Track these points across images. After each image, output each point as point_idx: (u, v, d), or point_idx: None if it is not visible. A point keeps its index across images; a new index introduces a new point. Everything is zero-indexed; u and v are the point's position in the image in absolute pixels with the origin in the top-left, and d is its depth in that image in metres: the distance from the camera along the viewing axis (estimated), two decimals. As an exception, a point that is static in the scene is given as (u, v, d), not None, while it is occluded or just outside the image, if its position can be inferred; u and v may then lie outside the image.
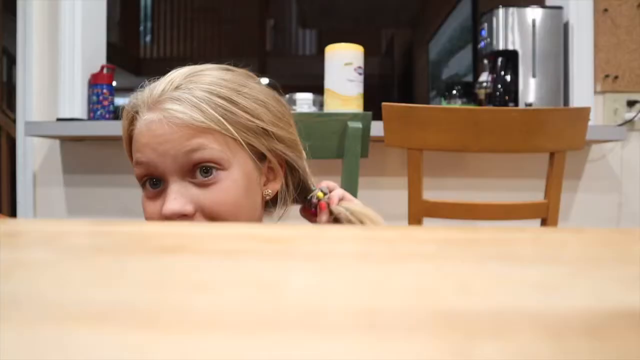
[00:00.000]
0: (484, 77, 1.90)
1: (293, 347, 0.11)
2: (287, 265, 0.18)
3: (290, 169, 0.71)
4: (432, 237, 0.24)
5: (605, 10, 1.80)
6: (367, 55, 1.52)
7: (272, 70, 6.82)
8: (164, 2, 6.05)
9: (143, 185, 0.65)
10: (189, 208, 0.61)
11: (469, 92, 1.96)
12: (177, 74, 0.65)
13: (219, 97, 0.63)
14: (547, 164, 1.22)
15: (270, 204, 0.73)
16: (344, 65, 1.46)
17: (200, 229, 0.26)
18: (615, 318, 0.13)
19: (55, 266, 0.18)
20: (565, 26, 1.83)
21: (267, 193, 0.69)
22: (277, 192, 0.70)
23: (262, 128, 0.65)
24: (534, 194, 1.42)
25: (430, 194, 1.21)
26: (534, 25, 1.80)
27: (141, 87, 0.67)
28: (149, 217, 0.64)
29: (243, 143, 0.63)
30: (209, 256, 0.19)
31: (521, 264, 0.19)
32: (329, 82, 1.48)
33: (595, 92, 1.81)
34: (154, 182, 0.63)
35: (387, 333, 0.12)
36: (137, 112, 0.65)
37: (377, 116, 1.16)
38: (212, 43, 6.44)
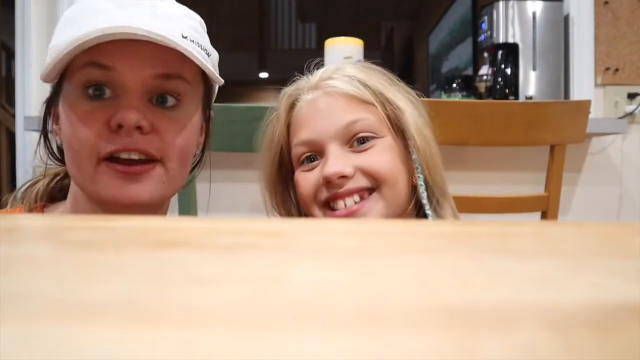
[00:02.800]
0: (484, 70, 1.89)
1: (295, 342, 0.11)
2: (289, 260, 0.18)
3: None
4: (432, 231, 0.24)
5: (606, 2, 1.79)
6: (366, 49, 1.52)
7: (272, 64, 6.80)
8: (162, -4, 6.03)
9: (301, 163, 0.68)
10: (349, 169, 0.63)
11: (469, 86, 1.96)
12: (329, 67, 0.72)
13: (369, 83, 0.68)
14: (548, 157, 1.22)
15: None
16: (343, 59, 1.46)
17: (201, 223, 0.26)
18: (618, 311, 0.13)
19: (54, 261, 0.18)
20: (566, 19, 1.82)
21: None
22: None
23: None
24: (535, 187, 1.41)
25: (430, 188, 1.20)
26: (534, 18, 1.79)
27: (294, 80, 0.73)
28: (303, 188, 0.67)
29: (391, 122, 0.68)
30: (209, 251, 0.19)
31: (522, 258, 0.19)
32: (329, 75, 1.47)
33: (596, 85, 1.80)
34: (312, 159, 0.67)
35: (389, 328, 0.12)
36: (297, 98, 0.70)
37: (377, 110, 1.16)
38: (211, 37, 6.41)
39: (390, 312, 0.13)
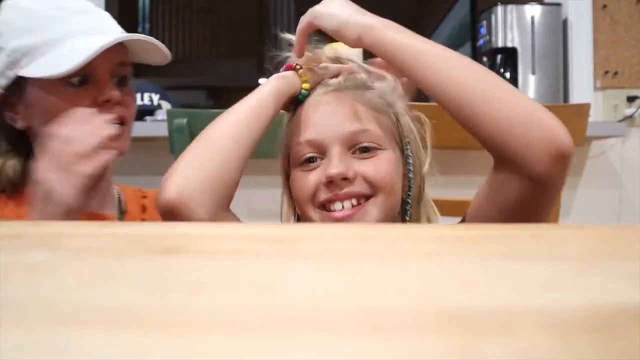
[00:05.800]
0: (484, 74, 1.89)
1: (295, 347, 0.11)
2: (288, 265, 0.18)
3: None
4: (434, 234, 0.24)
5: (604, 6, 1.79)
6: (366, 55, 1.52)
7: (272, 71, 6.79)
8: (162, 4, 6.03)
9: (300, 163, 0.69)
10: (351, 172, 0.65)
11: (468, 90, 1.96)
12: (356, 76, 0.76)
13: (386, 104, 0.72)
14: (548, 161, 1.22)
15: None
16: (343, 63, 1.45)
17: (200, 229, 0.26)
18: (619, 314, 0.13)
19: (55, 268, 0.18)
20: (564, 23, 1.82)
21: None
22: None
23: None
24: (535, 191, 1.41)
25: (431, 192, 1.20)
26: (532, 22, 1.79)
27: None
28: (302, 188, 0.68)
29: (397, 138, 0.72)
30: (209, 257, 0.19)
31: (524, 261, 0.19)
32: (329, 81, 1.47)
33: (595, 89, 1.80)
34: (312, 160, 0.68)
35: (391, 332, 0.12)
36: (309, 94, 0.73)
37: (377, 115, 1.16)
38: (211, 44, 6.42)
39: (391, 317, 0.13)
